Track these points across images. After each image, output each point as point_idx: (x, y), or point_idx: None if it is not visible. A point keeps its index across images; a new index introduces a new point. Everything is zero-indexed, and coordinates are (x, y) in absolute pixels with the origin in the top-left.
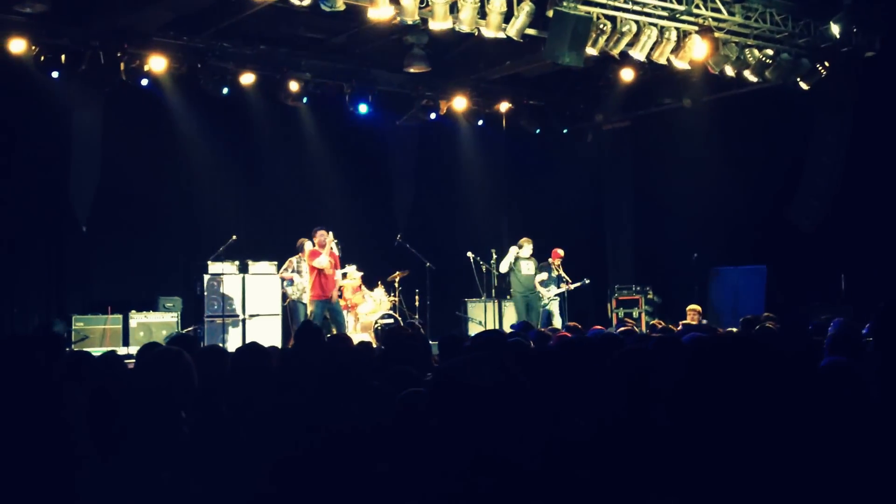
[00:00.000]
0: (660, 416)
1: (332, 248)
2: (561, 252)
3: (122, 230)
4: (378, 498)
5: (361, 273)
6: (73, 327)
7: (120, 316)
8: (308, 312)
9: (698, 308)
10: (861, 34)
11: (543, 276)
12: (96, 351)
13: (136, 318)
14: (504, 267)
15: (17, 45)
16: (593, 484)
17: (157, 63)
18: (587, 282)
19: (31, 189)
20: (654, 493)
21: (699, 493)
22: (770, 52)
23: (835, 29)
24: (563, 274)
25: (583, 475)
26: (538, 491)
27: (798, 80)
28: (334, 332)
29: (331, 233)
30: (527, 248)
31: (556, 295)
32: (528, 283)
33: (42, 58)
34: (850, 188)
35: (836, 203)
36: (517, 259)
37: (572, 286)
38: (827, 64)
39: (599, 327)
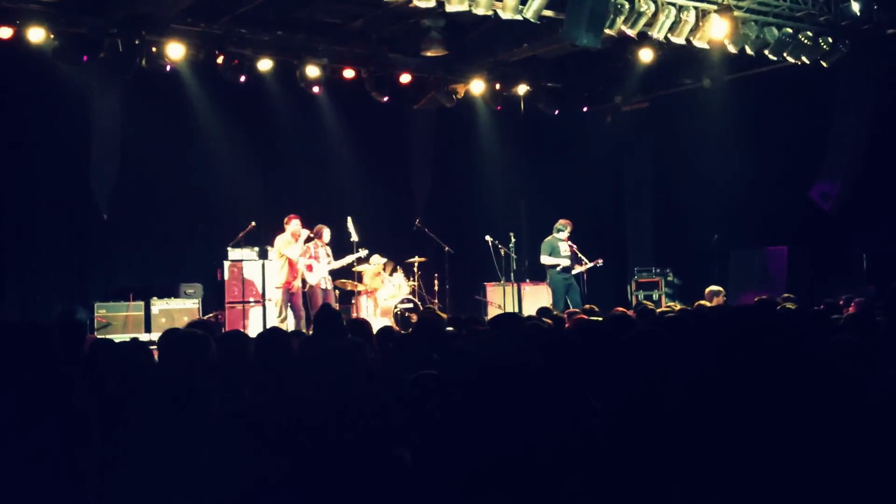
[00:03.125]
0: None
1: (304, 242)
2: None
3: (143, 218)
4: (396, 481)
5: (385, 260)
6: (96, 314)
7: (142, 303)
8: (279, 301)
9: (722, 290)
10: (882, 11)
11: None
12: (119, 337)
13: (157, 305)
14: (549, 262)
15: (36, 34)
16: (604, 467)
17: (176, 50)
18: (600, 263)
19: (53, 178)
20: (664, 478)
21: (710, 478)
22: (790, 30)
23: (855, 6)
24: (580, 255)
25: (595, 457)
26: (549, 471)
27: (819, 58)
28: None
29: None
30: (566, 230)
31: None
32: (568, 267)
33: (61, 46)
34: (872, 168)
35: (859, 183)
36: (557, 240)
37: (585, 268)
38: (848, 42)
39: (621, 309)
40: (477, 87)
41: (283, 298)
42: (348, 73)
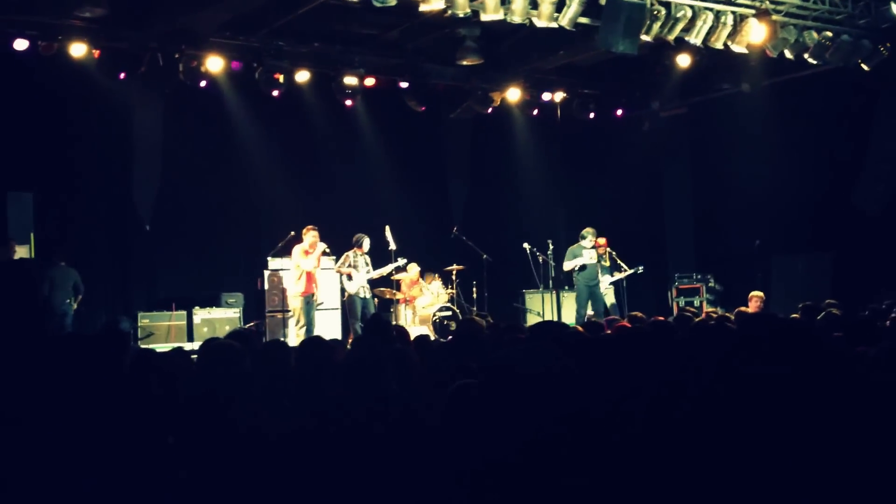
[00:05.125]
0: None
1: (320, 254)
2: (602, 240)
3: (185, 228)
4: (432, 488)
5: (419, 269)
6: (139, 324)
7: (184, 312)
8: (297, 309)
9: (761, 294)
10: None
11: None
12: (161, 347)
13: (199, 315)
14: (568, 267)
15: (78, 49)
16: (640, 471)
17: (215, 63)
18: (641, 269)
19: (96, 190)
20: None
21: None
22: (829, 33)
23: (895, 9)
24: (619, 261)
25: (632, 462)
26: (584, 476)
27: (859, 61)
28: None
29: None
30: (590, 238)
31: (610, 283)
32: (592, 272)
33: (103, 61)
34: None
35: None
36: (581, 248)
37: (624, 274)
38: (888, 44)
39: (661, 318)
40: (513, 94)
41: (301, 307)
42: (385, 84)
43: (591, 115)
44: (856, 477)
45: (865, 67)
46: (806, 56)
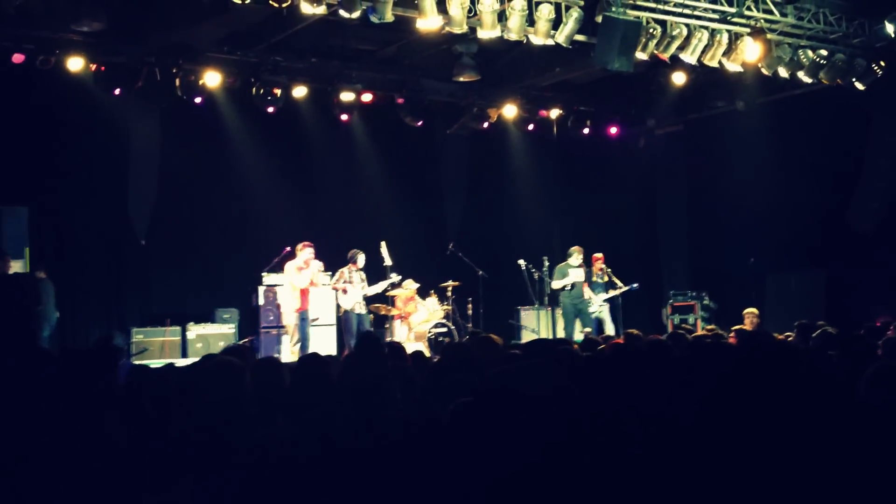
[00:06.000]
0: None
1: (315, 271)
2: (599, 255)
3: (180, 243)
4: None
5: (418, 285)
6: (133, 340)
7: (178, 328)
8: (291, 325)
9: (755, 311)
10: None
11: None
12: (155, 363)
13: (193, 330)
14: (557, 286)
15: (76, 63)
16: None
17: (212, 78)
18: (636, 286)
19: (92, 205)
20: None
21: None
22: (824, 52)
23: (889, 28)
24: (614, 279)
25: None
26: (581, 495)
27: (853, 80)
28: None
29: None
30: (577, 256)
31: (604, 301)
32: (578, 291)
33: (100, 75)
34: None
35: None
36: (568, 267)
37: (619, 291)
38: (883, 63)
39: (657, 336)
40: (509, 111)
41: (295, 323)
42: (382, 100)
43: (587, 132)
44: (852, 498)
45: (860, 86)
46: (800, 74)
